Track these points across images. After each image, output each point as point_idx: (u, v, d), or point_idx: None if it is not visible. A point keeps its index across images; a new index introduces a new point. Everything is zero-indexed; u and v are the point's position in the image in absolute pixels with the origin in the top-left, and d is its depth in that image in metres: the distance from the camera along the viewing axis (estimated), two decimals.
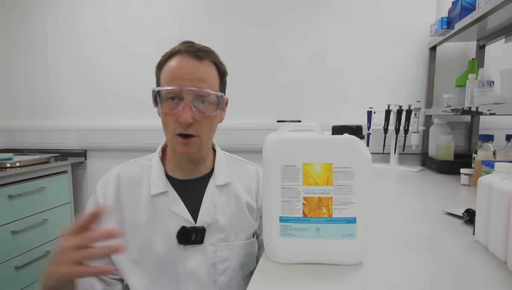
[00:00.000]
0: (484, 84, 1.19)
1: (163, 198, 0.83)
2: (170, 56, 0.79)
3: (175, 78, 0.76)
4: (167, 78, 0.78)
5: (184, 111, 0.75)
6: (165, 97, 0.77)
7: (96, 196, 0.85)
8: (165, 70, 0.79)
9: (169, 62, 0.78)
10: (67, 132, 2.21)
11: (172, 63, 0.78)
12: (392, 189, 1.35)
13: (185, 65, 0.77)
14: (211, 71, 0.80)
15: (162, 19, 2.07)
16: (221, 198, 0.86)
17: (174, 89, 0.76)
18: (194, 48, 0.78)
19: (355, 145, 0.58)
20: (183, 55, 0.77)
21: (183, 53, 0.77)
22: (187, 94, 0.75)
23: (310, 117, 1.95)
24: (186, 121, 0.75)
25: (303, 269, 0.59)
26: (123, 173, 0.87)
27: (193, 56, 0.77)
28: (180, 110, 0.75)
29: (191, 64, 0.77)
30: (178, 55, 0.78)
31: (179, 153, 0.80)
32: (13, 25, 2.27)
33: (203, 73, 0.77)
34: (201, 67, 0.77)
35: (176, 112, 0.76)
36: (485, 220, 0.65)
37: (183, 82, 0.75)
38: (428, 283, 0.55)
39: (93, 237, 0.60)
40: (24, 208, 1.78)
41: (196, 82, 0.76)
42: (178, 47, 0.79)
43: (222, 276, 0.82)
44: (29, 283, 1.79)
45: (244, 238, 0.87)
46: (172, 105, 0.77)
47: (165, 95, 0.77)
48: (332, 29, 1.91)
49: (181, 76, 0.76)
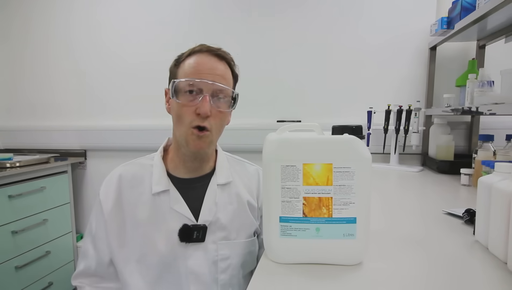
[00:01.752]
0: (484, 84, 1.19)
1: (165, 196, 0.83)
2: (190, 54, 0.82)
3: (196, 72, 0.79)
4: (187, 72, 0.80)
5: (204, 102, 0.77)
6: (184, 90, 0.79)
7: (99, 197, 0.87)
8: (184, 66, 0.81)
9: (189, 59, 0.81)
10: (67, 132, 2.21)
11: (193, 59, 0.81)
12: (392, 189, 1.35)
13: (207, 61, 0.80)
14: (228, 72, 0.84)
15: (162, 19, 2.07)
16: (223, 196, 0.87)
17: (196, 81, 0.78)
18: (215, 48, 0.82)
19: (355, 145, 0.58)
20: (205, 54, 0.81)
21: (204, 52, 0.82)
22: (207, 87, 0.78)
23: (310, 117, 1.95)
24: (205, 113, 0.77)
25: (303, 269, 0.59)
26: (125, 172, 0.88)
27: (214, 55, 0.81)
28: (198, 102, 0.77)
29: (212, 61, 0.81)
30: (200, 53, 0.82)
31: (191, 147, 0.81)
32: (13, 25, 2.27)
33: (223, 70, 0.82)
34: (221, 66, 0.82)
35: (194, 104, 0.78)
36: (485, 220, 0.65)
37: (204, 75, 0.78)
38: (428, 283, 0.55)
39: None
40: (24, 208, 1.78)
41: (216, 78, 0.79)
42: (199, 47, 0.82)
43: (223, 274, 0.83)
44: (29, 283, 1.79)
45: (245, 237, 0.87)
46: (189, 98, 0.79)
47: (184, 87, 0.79)
48: (332, 29, 1.91)
49: (202, 70, 0.79)
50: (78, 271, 0.89)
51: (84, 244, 0.89)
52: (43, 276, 1.87)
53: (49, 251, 1.90)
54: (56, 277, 1.95)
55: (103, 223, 0.84)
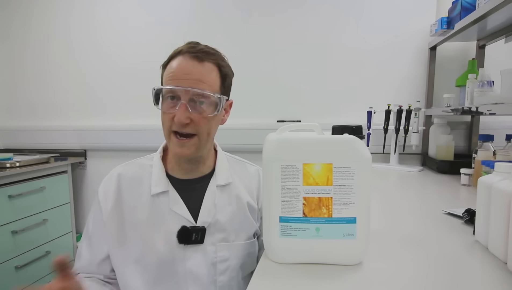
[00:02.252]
0: (484, 84, 1.19)
1: (164, 197, 0.83)
2: (173, 57, 0.80)
3: (173, 78, 0.77)
4: (166, 78, 0.79)
5: (180, 111, 0.75)
6: (164, 96, 0.79)
7: (98, 197, 0.86)
8: (166, 70, 0.80)
9: (171, 63, 0.80)
10: (67, 132, 2.21)
11: (173, 63, 0.79)
12: (392, 189, 1.35)
13: (184, 66, 0.77)
14: (212, 73, 0.79)
15: (162, 19, 2.07)
16: (222, 198, 0.86)
17: (171, 88, 0.77)
18: (196, 49, 0.78)
19: (355, 145, 0.58)
20: (184, 56, 0.78)
21: (184, 54, 0.78)
22: (183, 94, 0.76)
23: (310, 117, 1.95)
24: (180, 121, 0.75)
25: (303, 269, 0.59)
26: (124, 172, 0.87)
27: (193, 57, 0.77)
28: (176, 109, 0.76)
29: (190, 65, 0.77)
30: (180, 55, 0.79)
31: (174, 153, 0.82)
32: (13, 25, 2.27)
33: (201, 74, 0.77)
34: (200, 68, 0.78)
35: (173, 111, 0.77)
36: (485, 220, 0.65)
37: (180, 82, 0.76)
38: (428, 283, 0.55)
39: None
40: (24, 208, 1.78)
41: (193, 83, 0.76)
42: (181, 48, 0.80)
43: (222, 276, 0.82)
44: (29, 283, 1.78)
45: (245, 238, 0.87)
46: (170, 104, 0.78)
47: (164, 94, 0.79)
48: (332, 29, 1.91)
49: (178, 76, 0.76)
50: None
51: (80, 245, 0.89)
52: (43, 276, 1.87)
53: (49, 251, 1.90)
54: None
55: (101, 223, 0.84)
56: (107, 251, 0.84)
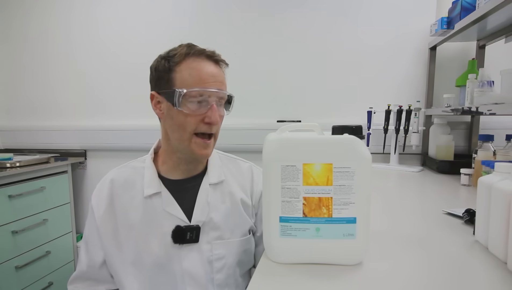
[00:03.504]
0: (484, 84, 1.19)
1: (157, 199, 0.83)
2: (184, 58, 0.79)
3: (201, 81, 0.78)
4: (189, 81, 0.77)
5: (214, 111, 0.78)
6: (190, 99, 0.78)
7: (91, 203, 0.88)
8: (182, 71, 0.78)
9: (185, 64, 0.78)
10: (67, 132, 2.21)
11: (192, 66, 0.78)
12: (392, 189, 1.35)
13: (207, 68, 0.79)
14: (224, 76, 0.85)
15: (162, 19, 2.07)
16: (215, 196, 0.86)
17: (206, 91, 0.78)
18: (210, 52, 0.81)
19: (355, 145, 0.58)
20: (201, 58, 0.80)
21: (201, 56, 0.79)
22: (214, 96, 0.79)
23: (310, 117, 1.95)
24: (216, 121, 0.79)
25: (303, 269, 0.59)
26: (117, 177, 0.88)
27: (211, 60, 0.81)
28: (206, 110, 0.78)
29: (212, 67, 0.80)
30: (195, 57, 0.79)
31: (197, 155, 0.81)
32: (13, 25, 2.26)
33: (222, 76, 0.83)
34: (220, 72, 0.82)
35: (201, 113, 0.78)
36: (485, 220, 0.65)
37: (209, 84, 0.78)
38: (428, 283, 0.55)
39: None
40: (24, 208, 1.78)
41: (219, 85, 0.80)
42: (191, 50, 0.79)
43: (219, 273, 0.83)
44: (29, 283, 1.79)
45: (240, 235, 0.87)
46: (196, 106, 0.78)
47: (192, 97, 0.77)
48: (332, 29, 1.91)
49: (206, 79, 0.78)
50: (73, 276, 0.90)
51: (80, 249, 0.92)
52: (43, 276, 1.87)
53: (49, 251, 1.90)
54: (56, 277, 1.95)
55: (95, 228, 0.85)
56: (103, 256, 0.85)
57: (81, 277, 0.88)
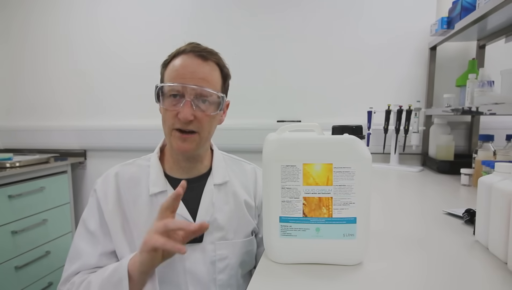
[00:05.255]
0: (484, 84, 1.19)
1: (162, 197, 0.83)
2: (176, 55, 0.81)
3: (178, 76, 0.78)
4: (170, 76, 0.79)
5: (185, 108, 0.77)
6: (167, 94, 0.79)
7: (97, 195, 0.85)
8: (169, 68, 0.81)
9: (174, 61, 0.80)
10: (67, 132, 2.21)
11: (177, 62, 0.80)
12: (392, 189, 1.35)
13: (189, 64, 0.79)
14: (214, 72, 0.82)
15: (162, 19, 2.07)
16: (220, 196, 0.86)
17: (177, 86, 0.77)
18: (199, 48, 0.80)
19: (355, 145, 0.58)
20: (188, 55, 0.80)
21: (188, 53, 0.80)
22: (188, 92, 0.77)
23: (310, 117, 1.95)
24: (185, 118, 0.76)
25: (303, 269, 0.59)
26: (122, 172, 0.87)
27: (197, 55, 0.79)
28: (180, 107, 0.77)
29: (195, 63, 0.79)
30: (183, 54, 0.80)
31: (175, 149, 0.81)
32: (13, 26, 2.26)
33: (206, 73, 0.79)
34: (204, 67, 0.80)
35: (176, 109, 0.78)
36: (485, 220, 0.65)
37: (185, 80, 0.77)
38: (428, 283, 0.55)
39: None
40: (24, 208, 1.78)
41: (199, 81, 0.78)
42: (184, 47, 0.81)
43: (221, 274, 0.83)
44: (29, 283, 1.78)
45: (243, 236, 0.87)
46: (173, 102, 0.78)
47: (167, 92, 0.79)
48: (332, 29, 1.91)
49: (184, 74, 0.78)
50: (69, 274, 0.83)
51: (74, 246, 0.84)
52: (43, 276, 1.87)
53: (49, 251, 1.90)
54: (56, 277, 1.95)
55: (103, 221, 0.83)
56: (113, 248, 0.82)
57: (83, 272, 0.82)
